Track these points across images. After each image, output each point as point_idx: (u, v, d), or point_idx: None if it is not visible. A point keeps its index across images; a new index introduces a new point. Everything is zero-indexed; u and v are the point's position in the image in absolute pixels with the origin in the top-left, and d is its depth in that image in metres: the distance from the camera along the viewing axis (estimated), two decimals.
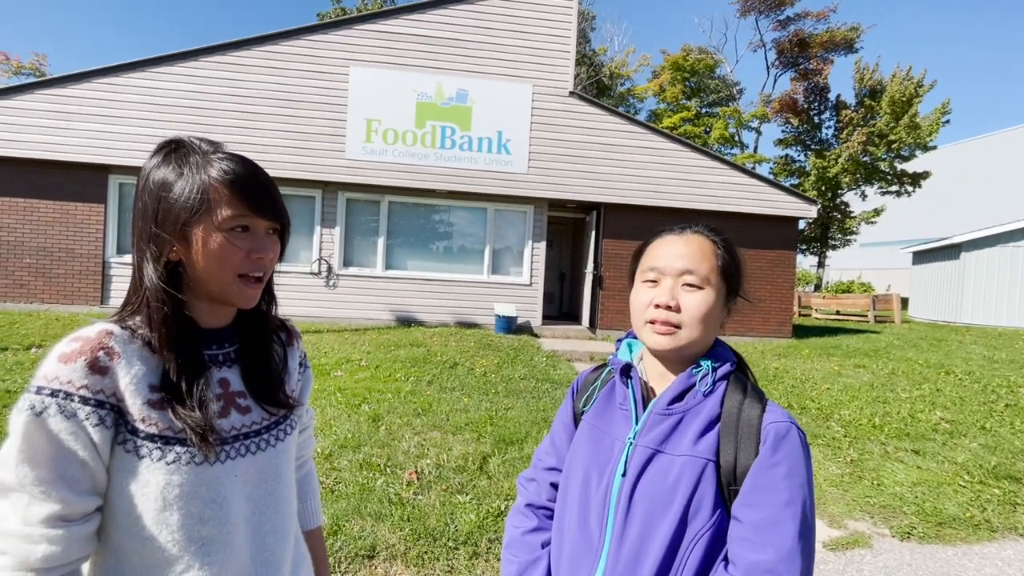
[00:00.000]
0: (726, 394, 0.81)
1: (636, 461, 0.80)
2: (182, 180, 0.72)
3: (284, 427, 0.84)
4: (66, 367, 0.66)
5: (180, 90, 8.29)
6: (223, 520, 0.73)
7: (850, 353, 8.64)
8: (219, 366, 0.79)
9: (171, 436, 0.70)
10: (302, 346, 0.97)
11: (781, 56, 26.32)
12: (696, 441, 0.78)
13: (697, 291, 0.82)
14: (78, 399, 0.66)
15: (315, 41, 8.65)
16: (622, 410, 0.87)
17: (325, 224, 8.91)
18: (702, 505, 0.75)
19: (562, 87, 9.16)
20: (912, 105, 19.88)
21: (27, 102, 8.01)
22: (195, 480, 0.71)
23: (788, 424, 0.76)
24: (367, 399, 4.66)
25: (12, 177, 8.11)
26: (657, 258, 0.85)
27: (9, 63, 24.89)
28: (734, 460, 0.76)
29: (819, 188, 22.23)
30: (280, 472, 0.83)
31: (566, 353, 7.55)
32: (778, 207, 9.63)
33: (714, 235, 0.87)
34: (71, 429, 0.65)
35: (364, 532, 2.56)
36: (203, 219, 0.71)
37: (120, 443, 0.69)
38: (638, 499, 0.78)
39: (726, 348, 0.88)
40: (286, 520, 0.84)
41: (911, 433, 4.64)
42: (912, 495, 3.42)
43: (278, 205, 0.77)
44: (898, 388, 6.27)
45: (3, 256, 8.13)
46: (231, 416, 0.77)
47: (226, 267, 0.73)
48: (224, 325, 0.82)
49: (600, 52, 28.87)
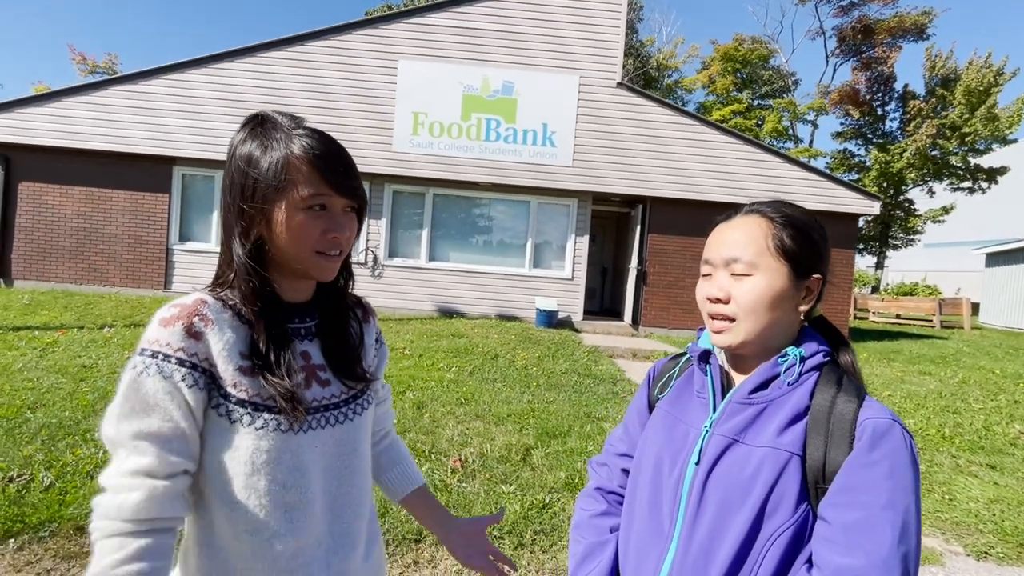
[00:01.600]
0: (817, 386, 0.74)
1: (712, 450, 0.76)
2: (267, 155, 0.73)
3: (362, 401, 0.85)
4: (165, 331, 0.69)
5: (239, 85, 8.64)
6: (305, 488, 0.75)
7: (913, 359, 8.11)
8: (301, 339, 0.81)
9: (259, 403, 0.72)
10: (377, 323, 0.97)
11: (842, 44, 24.93)
12: (780, 433, 0.72)
13: (745, 279, 0.76)
14: (175, 360, 0.69)
15: (365, 35, 8.82)
16: (699, 398, 0.83)
17: (371, 215, 9.10)
18: (783, 501, 0.69)
19: (610, 78, 8.97)
20: (991, 95, 18.44)
21: (101, 98, 8.56)
22: (281, 447, 0.73)
23: (890, 421, 0.69)
24: (411, 387, 4.73)
25: (88, 168, 8.69)
26: (708, 249, 0.82)
27: (85, 63, 26.74)
28: (823, 457, 0.69)
29: (880, 184, 20.96)
30: (357, 445, 0.84)
31: (608, 349, 7.43)
32: (836, 203, 9.12)
33: (772, 210, 0.79)
34: (168, 389, 0.68)
35: (410, 516, 2.58)
36: (285, 195, 0.72)
37: (214, 407, 0.71)
38: (711, 489, 0.74)
39: (818, 337, 0.81)
40: (362, 494, 0.85)
41: (986, 447, 4.30)
42: (989, 512, 3.16)
43: (356, 184, 0.78)
44: (970, 398, 5.83)
45: (80, 242, 8.75)
46: (312, 388, 0.79)
47: (304, 244, 0.74)
48: (305, 300, 0.83)
49: (647, 43, 28.15)
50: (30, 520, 2.31)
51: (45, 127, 8.46)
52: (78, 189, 8.71)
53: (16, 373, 4.28)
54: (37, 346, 5.12)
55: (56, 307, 7.05)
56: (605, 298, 11.97)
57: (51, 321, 6.30)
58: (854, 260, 9.67)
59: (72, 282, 8.74)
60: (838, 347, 0.82)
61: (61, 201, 8.70)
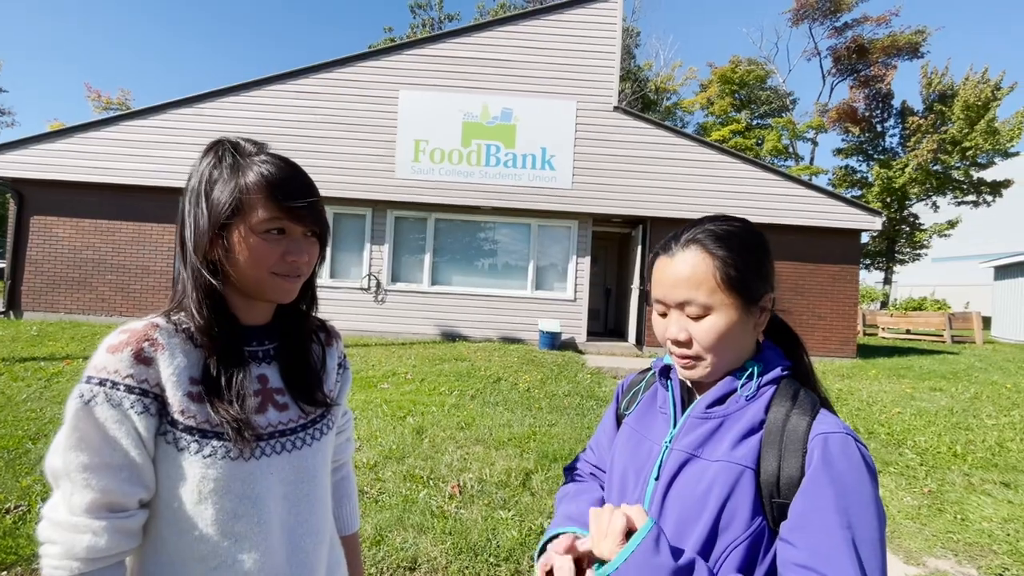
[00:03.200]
0: (773, 400, 0.75)
1: (670, 465, 0.76)
2: (222, 182, 0.74)
3: (321, 426, 0.84)
4: (113, 357, 0.68)
5: (244, 117, 8.87)
6: (257, 517, 0.73)
7: (924, 375, 7.96)
8: (258, 362, 0.80)
9: (208, 429, 0.71)
10: (341, 347, 0.97)
11: (838, 64, 25.28)
12: (735, 447, 0.72)
13: (703, 319, 0.75)
14: (123, 388, 0.67)
15: (367, 67, 9.08)
16: (662, 413, 0.84)
17: (374, 241, 9.21)
18: (736, 515, 0.69)
19: (607, 102, 9.14)
20: (989, 109, 18.52)
21: (112, 133, 8.82)
22: (230, 475, 0.71)
23: (842, 435, 0.68)
24: (412, 411, 4.71)
25: (99, 201, 8.90)
26: (657, 286, 0.79)
27: (100, 100, 27.62)
28: (777, 471, 0.69)
29: (884, 199, 20.94)
30: (316, 472, 0.82)
31: (611, 370, 7.38)
32: (837, 219, 9.12)
33: (714, 243, 0.75)
34: (117, 417, 0.67)
35: (406, 544, 2.55)
36: (239, 221, 0.73)
37: (161, 434, 0.70)
38: (670, 504, 0.74)
39: (777, 352, 0.81)
40: (321, 522, 0.83)
41: (999, 464, 4.18)
42: (1003, 532, 3.07)
43: (314, 210, 0.77)
44: (982, 414, 5.70)
45: (88, 273, 8.89)
46: (268, 412, 0.78)
47: (261, 267, 0.74)
48: (264, 323, 0.83)
49: (645, 67, 28.71)
50: (24, 552, 2.30)
51: (58, 162, 8.71)
52: (88, 221, 8.90)
53: (20, 404, 4.31)
54: (42, 376, 5.17)
55: (63, 338, 7.13)
56: (609, 319, 11.93)
57: (57, 352, 6.36)
58: (858, 276, 9.60)
59: (80, 312, 8.85)
60: (796, 353, 0.82)
61: (71, 233, 8.88)
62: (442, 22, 27.88)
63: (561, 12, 9.19)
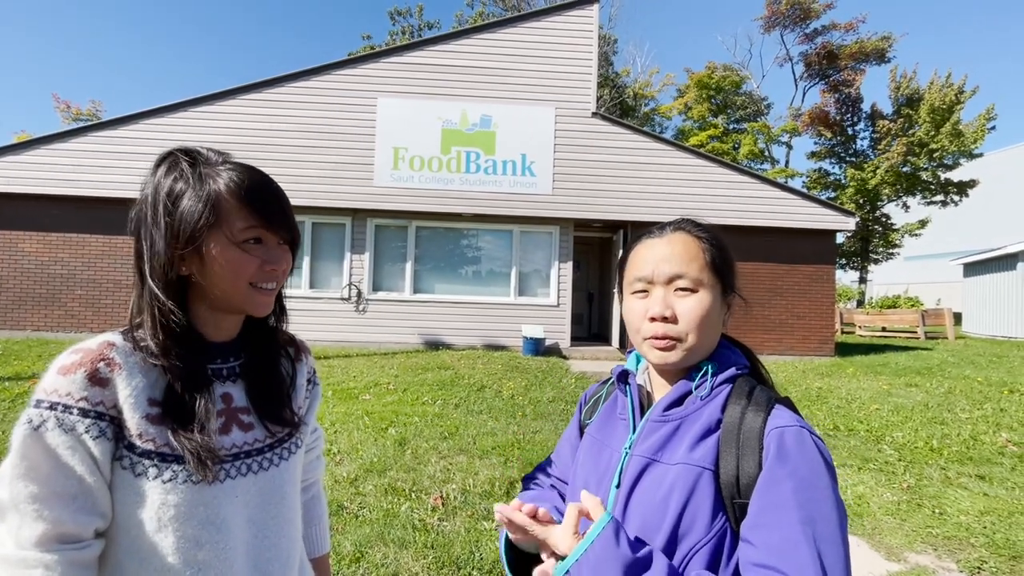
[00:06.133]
0: (729, 399, 0.74)
1: (631, 471, 0.75)
2: (191, 192, 0.70)
3: (289, 445, 0.81)
4: (65, 379, 0.64)
5: (219, 126, 8.72)
6: (221, 544, 0.70)
7: (900, 371, 8.13)
8: (223, 380, 0.77)
9: (168, 453, 0.67)
10: (311, 362, 0.94)
11: (809, 69, 25.91)
12: (692, 448, 0.71)
13: (691, 294, 0.75)
14: (77, 411, 0.63)
15: (344, 75, 9.01)
16: (621, 419, 0.83)
17: (355, 250, 9.10)
18: (697, 517, 0.67)
19: (585, 108, 9.21)
20: (953, 112, 19.14)
21: (81, 144, 8.58)
22: (192, 500, 0.68)
23: (796, 428, 0.67)
24: (394, 423, 4.63)
25: (68, 214, 8.63)
26: (643, 265, 0.79)
27: (69, 111, 26.93)
28: (736, 470, 0.67)
29: (857, 200, 21.46)
30: (284, 493, 0.79)
31: (596, 375, 7.38)
32: (813, 220, 9.31)
33: (699, 230, 0.80)
34: (69, 443, 0.62)
35: (387, 559, 2.49)
36: (215, 231, 0.70)
37: (117, 459, 0.66)
38: (632, 512, 0.72)
39: (732, 350, 0.81)
40: (290, 545, 0.80)
41: (974, 457, 4.27)
42: (980, 525, 3.12)
43: (290, 218, 0.76)
44: (956, 408, 5.83)
45: (57, 288, 8.61)
46: (232, 433, 0.74)
47: (239, 277, 0.72)
48: (230, 339, 0.79)
49: (623, 74, 29.06)
50: None
51: (24, 175, 8.43)
52: (56, 235, 8.63)
53: None
54: (6, 398, 4.96)
55: (30, 356, 6.87)
56: (592, 323, 11.96)
57: (23, 371, 6.12)
58: (834, 275, 9.80)
59: (48, 330, 8.56)
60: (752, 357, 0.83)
61: (38, 248, 8.60)
62: (421, 30, 27.88)
63: (539, 20, 9.27)
